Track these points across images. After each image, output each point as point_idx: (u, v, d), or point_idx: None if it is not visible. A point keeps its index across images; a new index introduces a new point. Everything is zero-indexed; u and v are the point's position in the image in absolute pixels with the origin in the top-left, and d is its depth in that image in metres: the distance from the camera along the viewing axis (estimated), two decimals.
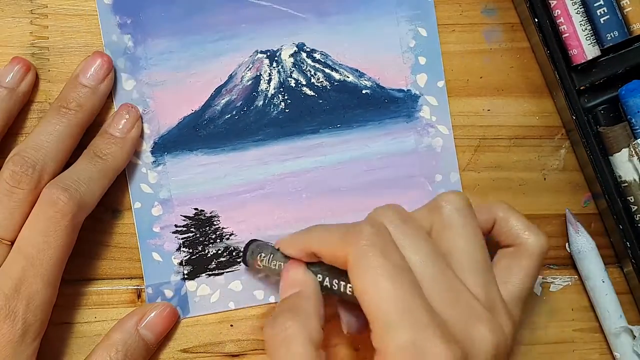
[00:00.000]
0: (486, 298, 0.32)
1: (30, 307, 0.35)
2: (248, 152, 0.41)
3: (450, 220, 0.33)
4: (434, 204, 0.34)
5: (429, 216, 0.34)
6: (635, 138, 0.40)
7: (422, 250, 0.31)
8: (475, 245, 0.33)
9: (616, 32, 0.39)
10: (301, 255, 0.34)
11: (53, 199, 0.35)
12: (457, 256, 0.32)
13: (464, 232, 0.33)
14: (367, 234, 0.30)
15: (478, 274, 0.32)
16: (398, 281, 0.29)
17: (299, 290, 0.34)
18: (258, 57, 0.41)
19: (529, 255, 0.36)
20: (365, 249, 0.30)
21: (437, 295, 0.30)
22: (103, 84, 0.39)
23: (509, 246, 0.37)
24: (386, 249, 0.30)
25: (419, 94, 0.41)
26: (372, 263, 0.29)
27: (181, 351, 0.40)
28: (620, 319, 0.41)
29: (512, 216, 0.37)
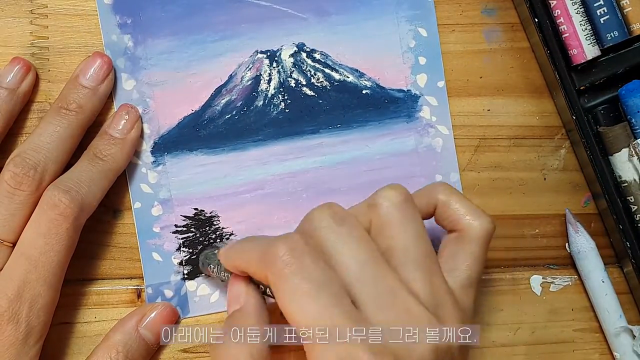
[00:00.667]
0: (429, 294, 0.31)
1: (33, 309, 0.35)
2: (248, 152, 0.41)
3: (387, 217, 0.32)
4: (372, 201, 0.33)
5: (368, 213, 0.33)
6: (635, 138, 0.40)
7: (357, 252, 0.30)
8: (415, 240, 0.32)
9: (616, 32, 0.39)
10: (235, 271, 0.34)
11: (54, 201, 0.35)
12: (397, 253, 0.32)
13: (402, 228, 0.32)
14: (282, 255, 0.29)
15: (419, 269, 0.31)
16: (318, 300, 0.28)
17: (241, 307, 0.33)
18: (258, 57, 0.41)
19: (473, 240, 0.35)
20: (281, 272, 0.29)
21: (371, 301, 0.29)
22: (103, 84, 0.38)
23: (453, 231, 0.36)
24: (301, 267, 0.29)
25: (419, 94, 0.41)
26: (288, 286, 0.29)
27: (181, 351, 0.40)
28: (620, 319, 0.41)
29: (453, 199, 0.35)
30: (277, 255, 0.29)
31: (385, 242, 0.32)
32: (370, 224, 0.33)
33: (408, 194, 0.33)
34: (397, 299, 0.30)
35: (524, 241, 0.42)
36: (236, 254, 0.33)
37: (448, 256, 0.35)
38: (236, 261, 0.33)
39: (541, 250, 0.42)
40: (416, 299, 0.30)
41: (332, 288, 0.29)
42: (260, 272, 0.31)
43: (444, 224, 0.36)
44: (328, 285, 0.29)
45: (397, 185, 0.33)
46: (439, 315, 0.31)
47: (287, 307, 0.29)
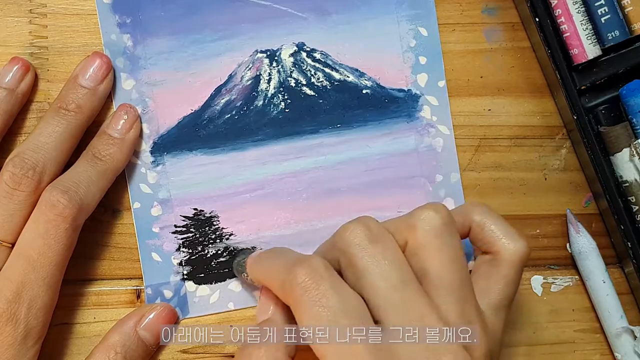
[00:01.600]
0: (460, 319, 0.31)
1: (32, 310, 0.35)
2: (248, 152, 0.41)
3: (425, 240, 0.32)
4: (410, 221, 0.32)
5: (405, 231, 0.32)
6: (636, 138, 0.39)
7: (389, 275, 0.30)
8: (452, 265, 0.31)
9: (617, 31, 0.39)
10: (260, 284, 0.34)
11: (53, 202, 0.35)
12: (431, 277, 0.31)
13: (439, 254, 0.32)
14: (300, 282, 0.29)
15: (452, 295, 0.31)
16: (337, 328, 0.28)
17: (269, 317, 0.33)
18: (258, 57, 0.41)
19: (507, 264, 0.34)
20: (300, 299, 0.29)
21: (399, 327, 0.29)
22: (102, 84, 0.38)
23: (487, 252, 0.35)
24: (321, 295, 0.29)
25: (420, 94, 0.41)
26: (308, 313, 0.29)
27: (181, 352, 0.40)
28: (621, 319, 0.41)
29: (488, 220, 0.35)
30: (296, 282, 0.29)
31: (419, 265, 0.32)
32: (405, 242, 0.32)
33: (449, 216, 0.33)
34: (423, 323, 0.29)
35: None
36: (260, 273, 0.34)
37: (481, 277, 0.35)
38: (260, 279, 0.34)
39: (542, 250, 0.42)
40: (445, 325, 0.30)
41: (352, 314, 0.29)
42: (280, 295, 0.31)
43: (478, 245, 0.36)
44: (348, 312, 0.29)
45: (439, 206, 0.33)
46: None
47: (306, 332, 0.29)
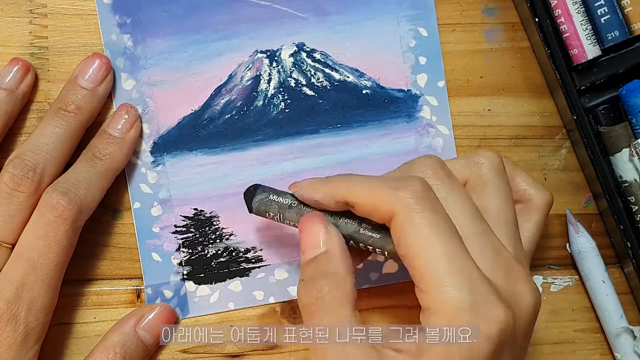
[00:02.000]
0: (516, 255, 0.32)
1: (32, 311, 0.35)
2: (248, 152, 0.41)
3: (487, 178, 0.34)
4: (472, 160, 0.34)
5: (465, 170, 0.34)
6: (635, 138, 0.39)
7: (466, 206, 0.31)
8: (508, 205, 0.34)
9: (617, 31, 0.39)
10: (329, 202, 0.32)
11: (53, 203, 0.35)
12: (492, 214, 0.33)
13: (499, 192, 0.34)
14: (420, 191, 0.30)
15: (509, 233, 0.33)
16: (450, 239, 0.29)
17: (326, 250, 0.32)
18: (258, 57, 0.41)
19: (537, 211, 0.38)
20: (417, 205, 0.29)
21: (480, 253, 0.30)
22: (102, 85, 0.38)
23: (517, 202, 0.38)
24: (436, 206, 0.30)
25: (419, 94, 0.41)
26: (424, 219, 0.29)
27: (181, 352, 0.40)
28: (621, 319, 0.41)
29: (517, 174, 0.38)
30: (416, 189, 0.30)
31: (480, 202, 0.33)
32: (466, 181, 0.34)
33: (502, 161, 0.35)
34: (500, 254, 0.31)
35: None
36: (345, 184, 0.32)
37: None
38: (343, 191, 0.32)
39: (542, 250, 0.42)
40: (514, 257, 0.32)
41: (457, 233, 0.30)
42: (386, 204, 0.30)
43: None
44: (455, 229, 0.30)
45: (493, 152, 0.35)
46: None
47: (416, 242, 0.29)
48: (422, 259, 0.29)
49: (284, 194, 0.34)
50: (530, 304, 0.31)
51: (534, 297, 0.31)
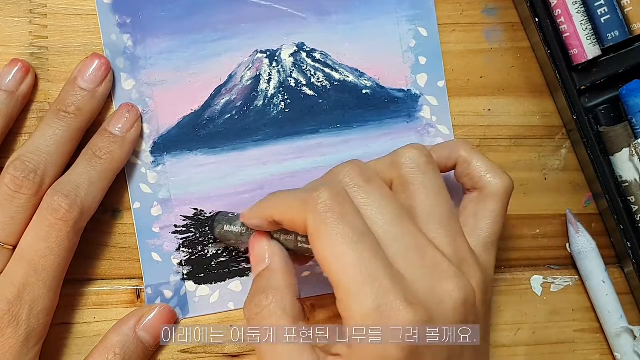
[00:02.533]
0: (453, 251, 0.32)
1: (33, 312, 0.35)
2: (248, 152, 0.41)
3: (410, 176, 0.33)
4: (394, 160, 0.34)
5: (389, 171, 0.34)
6: (635, 138, 0.39)
7: (386, 210, 0.31)
8: (438, 200, 0.33)
9: (617, 31, 0.39)
10: (264, 224, 0.34)
11: (55, 206, 0.35)
12: (419, 212, 0.32)
13: (425, 188, 0.33)
14: (325, 199, 0.30)
15: (442, 227, 0.32)
16: (358, 247, 0.29)
17: (268, 266, 0.33)
18: (258, 57, 0.41)
19: (494, 198, 0.36)
20: (323, 216, 0.30)
21: (401, 256, 0.30)
22: (101, 86, 0.38)
23: (473, 189, 0.36)
24: (345, 214, 0.30)
25: (420, 94, 0.41)
26: (330, 230, 0.29)
27: (181, 352, 0.40)
28: (620, 319, 0.41)
29: (474, 157, 0.36)
30: (321, 199, 0.30)
31: (407, 202, 0.33)
32: (391, 182, 0.34)
33: (430, 154, 0.34)
34: (426, 255, 0.30)
35: (524, 241, 0.42)
36: (270, 204, 0.33)
37: (469, 216, 0.36)
38: (269, 210, 0.33)
39: (542, 250, 0.42)
40: (443, 255, 0.31)
41: (370, 239, 0.30)
42: (300, 218, 0.31)
43: (464, 181, 0.37)
44: (367, 236, 0.30)
45: (419, 145, 0.34)
46: (463, 272, 0.31)
47: (325, 252, 0.29)
48: (332, 269, 0.29)
49: (237, 222, 0.36)
50: (455, 302, 0.30)
51: (460, 295, 0.30)
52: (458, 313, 0.30)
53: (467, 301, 0.31)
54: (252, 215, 0.35)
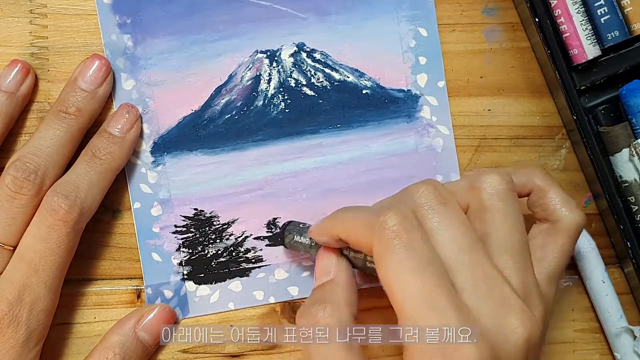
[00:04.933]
0: (521, 284, 0.31)
1: (33, 313, 0.35)
2: (248, 152, 0.41)
3: (489, 203, 0.32)
4: (474, 183, 0.33)
5: (467, 194, 0.33)
6: (635, 138, 0.40)
7: (459, 237, 0.30)
8: (514, 230, 0.32)
9: (617, 31, 0.39)
10: (331, 242, 0.34)
11: (54, 207, 0.35)
12: (493, 240, 0.32)
13: (503, 217, 0.32)
14: (392, 226, 0.29)
15: (514, 259, 0.31)
16: (423, 277, 0.28)
17: (332, 279, 0.33)
18: (258, 57, 0.41)
19: (565, 233, 0.35)
20: (390, 242, 0.29)
21: (469, 286, 0.29)
22: (102, 87, 0.38)
23: (545, 220, 0.36)
24: (412, 240, 0.29)
25: (420, 94, 0.41)
26: (395, 257, 0.29)
27: (181, 351, 0.40)
28: (620, 319, 0.41)
29: (550, 188, 0.36)
30: (387, 225, 0.29)
31: (482, 228, 0.32)
32: (467, 205, 0.33)
33: (511, 182, 0.33)
34: (494, 287, 0.30)
35: None
36: (337, 222, 0.33)
37: (538, 246, 0.35)
38: (336, 229, 0.33)
39: None
40: (511, 288, 0.30)
41: (437, 267, 0.29)
42: (366, 241, 0.30)
43: (536, 210, 0.36)
44: (434, 264, 0.29)
45: (503, 171, 0.33)
46: (528, 305, 0.31)
47: (389, 279, 0.29)
48: (395, 298, 0.29)
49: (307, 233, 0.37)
50: (519, 339, 0.29)
51: (525, 332, 0.29)
52: (521, 351, 0.29)
53: (530, 337, 0.30)
54: (320, 232, 0.34)
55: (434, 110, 0.41)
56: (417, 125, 0.41)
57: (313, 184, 0.41)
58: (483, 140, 0.42)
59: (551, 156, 0.42)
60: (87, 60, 0.39)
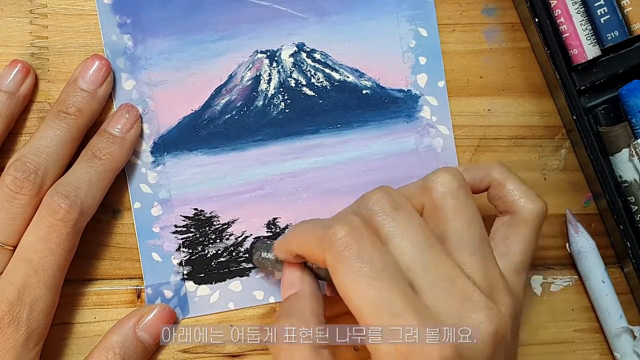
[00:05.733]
0: (484, 279, 0.31)
1: (34, 312, 0.35)
2: (248, 152, 0.41)
3: (442, 202, 0.32)
4: (425, 185, 0.33)
5: (421, 196, 0.33)
6: (635, 138, 0.40)
7: (416, 238, 0.30)
8: (471, 226, 0.32)
9: (616, 32, 0.39)
10: (289, 257, 0.34)
11: (54, 207, 0.35)
12: (451, 237, 0.32)
13: (457, 214, 0.32)
14: (341, 237, 0.29)
15: (474, 254, 0.31)
16: (378, 283, 0.28)
17: (297, 292, 0.33)
18: (258, 57, 0.41)
19: (527, 223, 0.35)
20: (341, 254, 0.29)
21: (430, 287, 0.29)
22: (102, 87, 0.38)
23: (505, 212, 0.36)
24: (362, 249, 0.29)
25: (419, 94, 0.41)
26: (348, 268, 0.29)
27: (181, 351, 0.40)
28: (620, 319, 0.41)
29: (508, 180, 0.36)
30: (336, 237, 0.29)
31: (438, 227, 0.32)
32: (422, 207, 0.33)
33: (463, 179, 0.33)
34: (455, 284, 0.30)
35: None
36: (292, 238, 0.33)
37: (500, 239, 0.35)
38: (292, 245, 0.33)
39: (541, 250, 0.42)
40: (474, 284, 0.30)
41: (392, 272, 0.29)
42: (319, 254, 0.30)
43: (496, 203, 0.36)
44: (388, 269, 0.29)
45: (452, 169, 0.33)
46: (494, 300, 0.31)
47: (345, 290, 0.29)
48: (354, 305, 0.29)
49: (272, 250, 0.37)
50: (484, 332, 0.29)
51: (491, 327, 0.29)
52: (487, 346, 0.29)
53: (497, 332, 0.29)
54: (279, 249, 0.35)
55: (434, 110, 0.41)
56: (417, 125, 0.41)
57: (313, 184, 0.41)
58: (483, 140, 0.42)
59: (551, 156, 0.42)
60: (87, 60, 0.39)
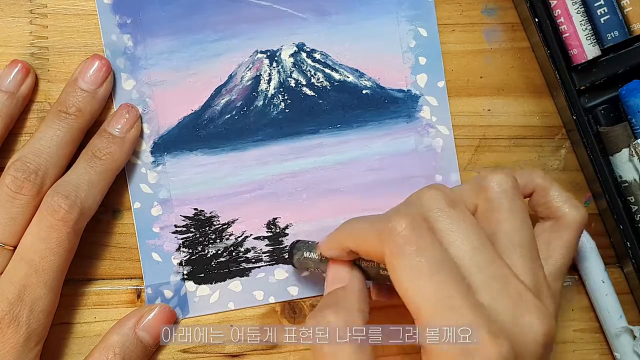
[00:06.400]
0: (533, 282, 0.31)
1: (34, 312, 0.35)
2: (248, 152, 0.41)
3: (497, 202, 0.33)
4: (480, 184, 0.33)
5: (474, 195, 0.33)
6: (635, 138, 0.40)
7: (471, 237, 0.30)
8: (522, 228, 0.32)
9: (616, 32, 0.39)
10: (342, 255, 0.34)
11: (54, 207, 0.35)
12: (503, 239, 0.32)
13: (510, 215, 0.32)
14: (401, 231, 0.29)
15: (525, 257, 0.32)
16: (437, 278, 0.28)
17: (345, 286, 0.33)
18: (258, 57, 0.41)
19: (570, 230, 0.36)
20: (400, 249, 0.29)
21: (484, 286, 0.29)
22: (102, 87, 0.38)
23: (548, 218, 0.37)
24: (422, 244, 0.29)
25: (419, 94, 0.41)
26: (408, 262, 0.29)
27: (181, 351, 0.40)
28: (620, 319, 0.41)
29: (551, 187, 0.37)
30: (396, 230, 0.29)
31: (491, 227, 0.32)
32: (475, 207, 0.33)
33: (516, 180, 0.33)
34: (509, 285, 0.30)
35: None
36: (345, 235, 0.33)
37: (543, 243, 0.36)
38: (346, 241, 0.33)
39: None
40: (524, 285, 0.30)
41: (450, 268, 0.29)
42: (376, 249, 0.30)
43: (539, 209, 0.37)
44: (446, 265, 0.29)
45: (506, 170, 0.34)
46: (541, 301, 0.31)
47: (403, 285, 0.29)
48: (410, 300, 0.29)
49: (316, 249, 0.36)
50: (538, 335, 0.29)
51: (543, 328, 0.29)
52: (541, 346, 0.29)
53: (548, 333, 0.30)
54: (329, 246, 0.34)
55: (433, 111, 0.41)
56: (417, 126, 0.41)
57: (313, 184, 0.41)
58: (483, 140, 0.42)
59: (551, 156, 0.43)
60: (87, 60, 0.39)
